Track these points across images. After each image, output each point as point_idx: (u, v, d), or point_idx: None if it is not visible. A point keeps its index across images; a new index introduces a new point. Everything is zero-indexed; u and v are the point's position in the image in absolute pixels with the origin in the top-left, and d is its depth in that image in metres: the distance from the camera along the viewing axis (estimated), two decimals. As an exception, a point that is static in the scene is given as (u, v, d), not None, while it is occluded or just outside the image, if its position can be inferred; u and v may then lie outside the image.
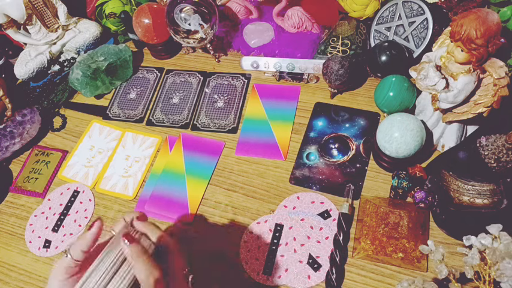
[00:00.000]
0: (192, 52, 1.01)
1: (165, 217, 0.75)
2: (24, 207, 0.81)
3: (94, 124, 0.91)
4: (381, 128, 0.69)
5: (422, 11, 0.80)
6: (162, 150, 0.84)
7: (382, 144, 0.68)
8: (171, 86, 0.95)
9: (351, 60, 0.81)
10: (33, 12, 0.95)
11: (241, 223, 0.72)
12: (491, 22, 0.57)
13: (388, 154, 0.69)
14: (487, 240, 0.50)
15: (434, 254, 0.53)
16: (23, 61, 0.98)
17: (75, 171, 0.84)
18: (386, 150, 0.68)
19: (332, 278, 0.62)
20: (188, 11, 0.87)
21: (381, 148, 0.69)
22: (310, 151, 0.79)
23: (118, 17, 0.99)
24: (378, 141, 0.70)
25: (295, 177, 0.76)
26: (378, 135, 0.69)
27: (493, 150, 0.62)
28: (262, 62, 0.92)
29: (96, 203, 0.79)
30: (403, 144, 0.66)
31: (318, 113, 0.84)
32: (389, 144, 0.67)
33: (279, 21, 0.96)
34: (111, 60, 0.93)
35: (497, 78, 0.61)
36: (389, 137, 0.67)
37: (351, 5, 0.87)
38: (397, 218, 0.67)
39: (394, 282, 0.62)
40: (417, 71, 0.68)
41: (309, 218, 0.70)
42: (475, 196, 0.62)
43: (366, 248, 0.65)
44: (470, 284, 0.56)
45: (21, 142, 0.87)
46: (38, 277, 0.72)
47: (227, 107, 0.88)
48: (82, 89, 0.92)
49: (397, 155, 0.68)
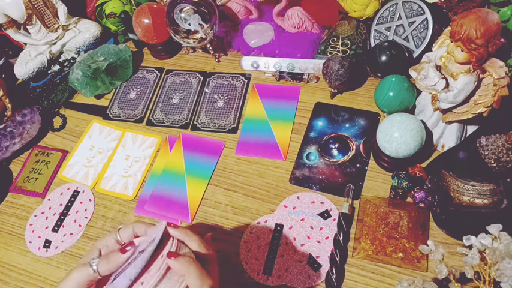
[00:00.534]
0: (192, 52, 1.01)
1: (165, 217, 0.75)
2: (24, 207, 0.81)
3: (94, 124, 0.91)
4: (381, 128, 0.69)
5: (422, 11, 0.80)
6: (162, 150, 0.84)
7: (382, 144, 0.68)
8: (171, 86, 0.95)
9: (351, 60, 0.81)
10: (33, 12, 0.95)
11: (241, 223, 0.72)
12: (491, 22, 0.57)
13: (388, 154, 0.69)
14: (487, 240, 0.50)
15: (434, 254, 0.53)
16: (23, 61, 0.98)
17: (75, 171, 0.84)
18: (386, 150, 0.68)
19: (332, 278, 0.63)
20: (188, 11, 0.87)
21: (380, 148, 0.69)
22: (310, 151, 0.79)
23: (118, 17, 0.99)
24: (378, 141, 0.70)
25: (295, 177, 0.76)
26: (378, 135, 0.69)
27: (493, 150, 0.62)
28: (262, 62, 0.92)
29: (96, 203, 0.79)
30: (403, 144, 0.66)
31: (318, 113, 0.84)
32: (389, 144, 0.67)
33: (279, 21, 0.96)
34: (111, 60, 0.93)
35: (497, 78, 0.61)
36: (389, 137, 0.67)
37: (351, 5, 0.87)
38: (397, 218, 0.67)
39: (394, 282, 0.62)
40: (417, 71, 0.68)
41: (309, 218, 0.70)
42: (475, 196, 0.62)
43: (366, 248, 0.65)
44: (470, 284, 0.56)
45: (21, 142, 0.87)
46: (38, 277, 0.72)
47: (227, 107, 0.88)
48: (82, 89, 0.92)
49: (397, 155, 0.68)
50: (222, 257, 0.69)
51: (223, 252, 0.69)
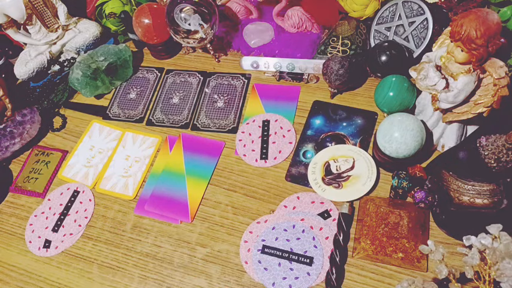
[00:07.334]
0: (192, 52, 1.01)
1: (165, 217, 0.75)
2: (24, 207, 0.81)
3: (94, 124, 0.91)
4: (381, 128, 0.69)
5: (422, 11, 0.80)
6: (162, 150, 0.84)
7: (382, 144, 0.68)
8: (171, 86, 0.95)
9: (351, 60, 0.81)
10: (33, 12, 0.95)
11: (241, 223, 0.72)
12: (491, 22, 0.57)
13: (388, 154, 0.69)
14: (487, 240, 0.50)
15: (434, 254, 0.53)
16: (23, 61, 0.98)
17: (75, 171, 0.84)
18: (386, 150, 0.68)
19: (332, 278, 0.63)
20: (188, 11, 0.87)
21: (380, 148, 0.69)
22: (307, 149, 0.79)
23: (118, 17, 0.99)
24: (377, 141, 0.70)
25: (291, 175, 0.76)
26: (378, 135, 0.69)
27: (493, 150, 0.62)
28: (262, 62, 0.92)
29: (96, 203, 0.79)
30: (403, 144, 0.66)
31: (316, 111, 0.84)
32: (389, 144, 0.67)
33: (279, 21, 0.96)
34: (111, 60, 0.93)
35: (497, 78, 0.61)
36: (389, 137, 0.67)
37: (351, 5, 0.87)
38: (397, 218, 0.67)
39: (394, 282, 0.62)
40: (417, 71, 0.68)
41: (309, 218, 0.70)
42: (475, 196, 0.62)
43: (366, 248, 0.65)
44: (470, 284, 0.56)
45: (21, 142, 0.87)
46: (38, 277, 0.72)
47: (227, 107, 0.88)
48: (82, 89, 0.92)
49: (397, 155, 0.68)
50: (222, 257, 0.69)
51: (223, 252, 0.69)
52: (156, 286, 0.68)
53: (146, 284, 0.68)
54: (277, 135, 0.81)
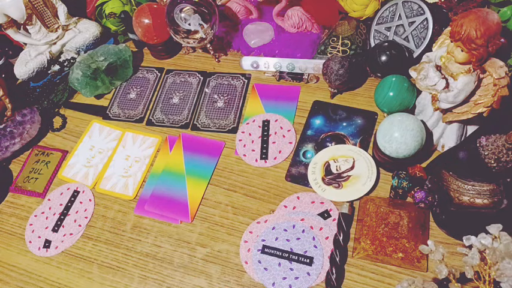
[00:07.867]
0: (192, 52, 1.01)
1: (165, 217, 0.75)
2: (24, 207, 0.81)
3: (94, 124, 0.91)
4: (381, 128, 0.69)
5: (422, 11, 0.80)
6: (162, 150, 0.84)
7: (382, 144, 0.68)
8: (171, 86, 0.95)
9: (351, 60, 0.81)
10: (33, 12, 0.95)
11: (241, 223, 0.72)
12: (491, 22, 0.57)
13: (388, 154, 0.69)
14: (487, 240, 0.50)
15: (434, 254, 0.53)
16: (23, 61, 0.98)
17: (75, 171, 0.84)
18: (386, 150, 0.68)
19: (332, 278, 0.63)
20: (188, 11, 0.87)
21: (380, 148, 0.69)
22: (307, 149, 0.79)
23: (118, 17, 0.99)
24: (377, 141, 0.70)
25: (291, 175, 0.76)
26: (378, 135, 0.69)
27: (493, 150, 0.62)
28: (262, 62, 0.92)
29: (96, 203, 0.79)
30: (403, 144, 0.66)
31: (316, 112, 0.84)
32: (389, 144, 0.67)
33: (279, 21, 0.96)
34: (111, 60, 0.93)
35: (497, 78, 0.61)
36: (389, 137, 0.67)
37: (351, 5, 0.87)
38: (397, 218, 0.67)
39: (394, 282, 0.62)
40: (417, 71, 0.68)
41: (309, 218, 0.70)
42: (475, 196, 0.62)
43: (366, 248, 0.65)
44: (470, 284, 0.56)
45: (21, 142, 0.87)
46: (38, 277, 0.72)
47: (227, 107, 0.88)
48: (82, 89, 0.92)
49: (397, 155, 0.68)
50: (222, 257, 0.69)
51: (223, 252, 0.69)
52: (156, 286, 0.68)
53: (146, 284, 0.68)
54: (277, 135, 0.81)
